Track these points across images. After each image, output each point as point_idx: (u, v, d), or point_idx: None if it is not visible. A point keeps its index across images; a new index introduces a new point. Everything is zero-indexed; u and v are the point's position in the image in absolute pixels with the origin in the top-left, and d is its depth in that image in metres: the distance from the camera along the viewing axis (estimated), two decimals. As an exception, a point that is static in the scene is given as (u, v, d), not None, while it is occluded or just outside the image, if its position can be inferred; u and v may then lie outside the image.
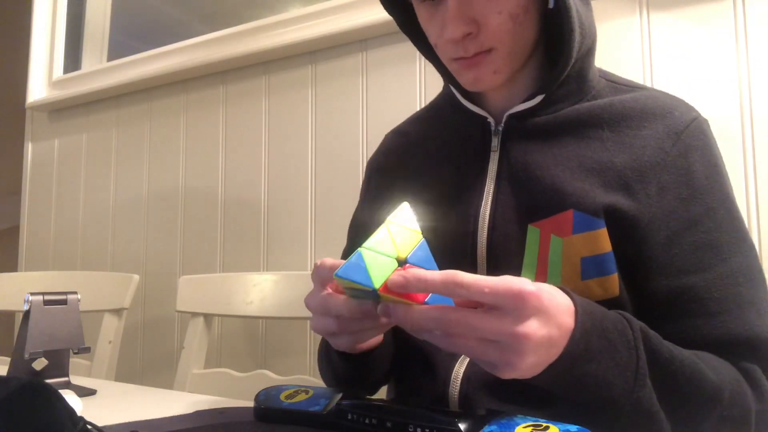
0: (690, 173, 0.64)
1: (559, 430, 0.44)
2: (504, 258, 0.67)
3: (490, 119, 0.72)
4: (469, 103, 0.74)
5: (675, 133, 0.65)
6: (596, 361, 0.50)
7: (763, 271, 0.65)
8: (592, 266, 0.63)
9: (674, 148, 0.64)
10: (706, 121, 0.68)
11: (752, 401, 0.58)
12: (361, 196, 0.88)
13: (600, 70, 0.74)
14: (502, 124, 0.71)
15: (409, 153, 0.80)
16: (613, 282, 0.63)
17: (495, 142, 0.71)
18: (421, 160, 0.78)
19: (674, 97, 0.70)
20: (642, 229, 0.63)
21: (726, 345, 0.61)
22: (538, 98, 0.69)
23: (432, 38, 0.70)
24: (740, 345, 0.61)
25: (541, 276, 0.65)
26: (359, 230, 0.86)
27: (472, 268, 0.68)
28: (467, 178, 0.72)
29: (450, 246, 0.70)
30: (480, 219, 0.69)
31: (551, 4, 0.65)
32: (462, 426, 0.47)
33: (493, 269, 0.68)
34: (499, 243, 0.67)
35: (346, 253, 0.89)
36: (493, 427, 0.46)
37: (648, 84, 1.06)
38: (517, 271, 0.66)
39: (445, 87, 0.81)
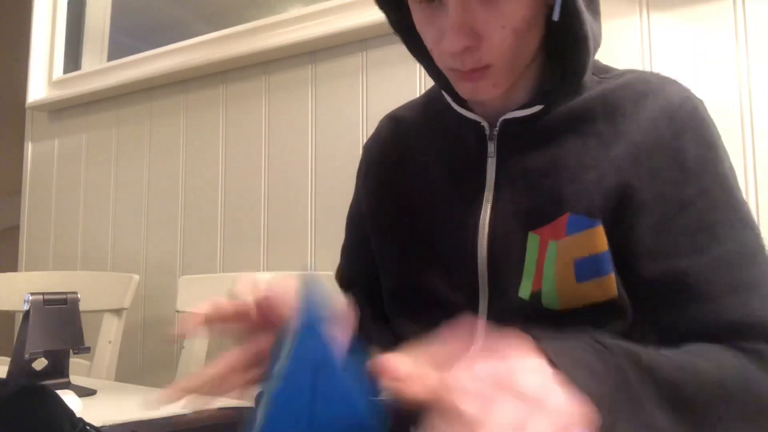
0: (682, 155, 0.61)
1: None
2: (505, 267, 0.65)
3: (485, 124, 0.69)
4: (462, 109, 0.71)
5: (669, 112, 0.62)
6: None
7: (767, 254, 0.60)
8: (587, 267, 0.61)
9: (668, 129, 0.62)
10: (700, 101, 0.65)
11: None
12: (358, 185, 0.84)
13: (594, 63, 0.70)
14: (497, 129, 0.68)
15: (406, 150, 0.77)
16: (611, 282, 0.61)
17: (491, 148, 0.69)
18: (419, 160, 0.75)
19: (664, 76, 0.67)
20: (631, 212, 0.60)
21: (725, 331, 0.56)
22: (536, 108, 0.66)
23: (428, 42, 0.65)
24: (745, 331, 0.56)
25: (537, 282, 0.63)
26: (360, 222, 0.83)
27: (473, 278, 0.67)
28: (464, 185, 0.70)
29: (449, 256, 0.69)
30: (480, 228, 0.67)
31: (556, 17, 0.60)
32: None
33: (493, 279, 0.66)
34: (499, 252, 0.66)
35: (346, 249, 0.87)
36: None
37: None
38: (517, 280, 0.64)
39: (435, 92, 0.77)
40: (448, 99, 0.72)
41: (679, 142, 0.62)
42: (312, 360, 0.39)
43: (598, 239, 0.61)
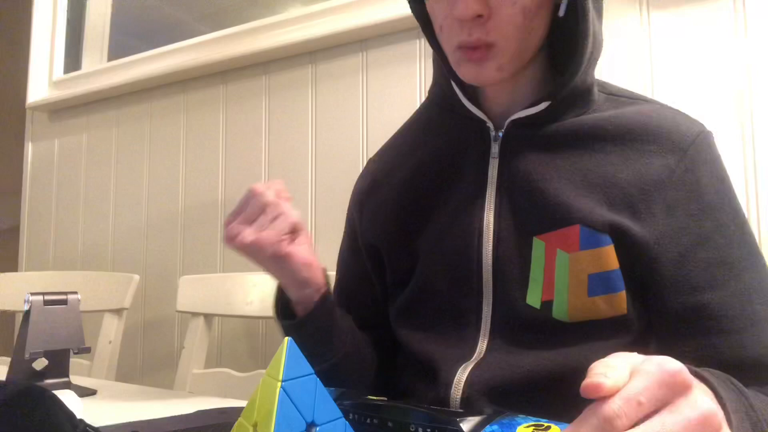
0: (699, 188, 0.63)
1: (561, 430, 0.44)
2: (510, 272, 0.65)
3: (490, 124, 0.70)
4: (470, 104, 0.71)
5: (681, 150, 0.64)
6: None
7: None
8: (600, 283, 0.62)
9: (680, 165, 0.63)
10: (711, 133, 0.67)
11: None
12: (351, 223, 0.83)
13: (597, 82, 0.71)
14: (503, 130, 0.69)
15: (397, 166, 0.77)
16: (621, 300, 0.62)
17: (495, 149, 0.69)
18: (413, 170, 0.75)
19: (678, 111, 0.68)
20: (651, 249, 0.62)
21: (741, 366, 0.59)
22: (543, 105, 0.66)
23: (438, 19, 0.65)
24: (757, 366, 0.59)
25: (548, 291, 0.64)
26: (349, 258, 0.83)
27: (478, 282, 0.67)
28: (466, 186, 0.70)
29: (454, 260, 0.69)
30: (484, 231, 0.67)
31: (562, 12, 0.62)
32: (464, 425, 0.47)
33: (498, 284, 0.66)
34: (504, 256, 0.66)
35: (338, 286, 0.85)
36: (495, 427, 0.46)
37: (648, 83, 1.07)
38: (523, 286, 0.65)
39: (434, 94, 0.78)
40: (458, 92, 0.72)
41: (695, 175, 0.63)
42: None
43: (610, 257, 0.62)
